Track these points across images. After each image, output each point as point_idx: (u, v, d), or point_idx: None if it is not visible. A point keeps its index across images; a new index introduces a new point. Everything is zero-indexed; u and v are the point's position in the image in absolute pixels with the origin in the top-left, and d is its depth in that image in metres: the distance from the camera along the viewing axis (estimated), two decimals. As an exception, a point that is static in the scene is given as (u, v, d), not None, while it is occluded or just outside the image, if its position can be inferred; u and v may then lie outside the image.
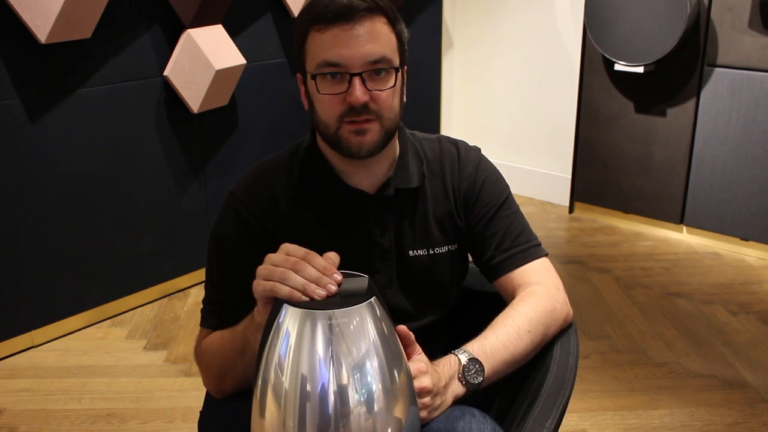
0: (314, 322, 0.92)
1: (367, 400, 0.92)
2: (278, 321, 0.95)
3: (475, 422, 1.11)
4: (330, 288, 0.99)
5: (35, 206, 2.58)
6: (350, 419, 0.91)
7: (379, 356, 0.93)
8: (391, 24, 1.23)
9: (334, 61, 1.19)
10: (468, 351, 1.19)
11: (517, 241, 1.36)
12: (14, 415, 2.30)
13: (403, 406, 0.96)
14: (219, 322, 1.27)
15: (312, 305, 0.94)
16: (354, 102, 1.19)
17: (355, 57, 1.18)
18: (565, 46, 3.84)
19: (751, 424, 2.23)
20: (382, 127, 1.23)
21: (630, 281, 3.15)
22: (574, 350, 1.29)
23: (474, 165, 1.38)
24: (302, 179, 1.32)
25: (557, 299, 1.32)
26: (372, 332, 0.94)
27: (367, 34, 1.19)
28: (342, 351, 0.91)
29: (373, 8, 1.20)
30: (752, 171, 3.27)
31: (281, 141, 3.26)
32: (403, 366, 0.98)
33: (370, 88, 1.20)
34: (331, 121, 1.22)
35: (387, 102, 1.22)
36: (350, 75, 1.19)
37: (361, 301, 0.95)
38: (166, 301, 3.02)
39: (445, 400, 1.13)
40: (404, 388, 0.97)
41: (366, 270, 1.02)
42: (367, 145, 1.23)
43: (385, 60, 1.20)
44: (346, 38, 1.18)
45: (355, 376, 0.92)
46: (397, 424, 0.95)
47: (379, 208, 1.32)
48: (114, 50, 2.69)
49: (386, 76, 1.21)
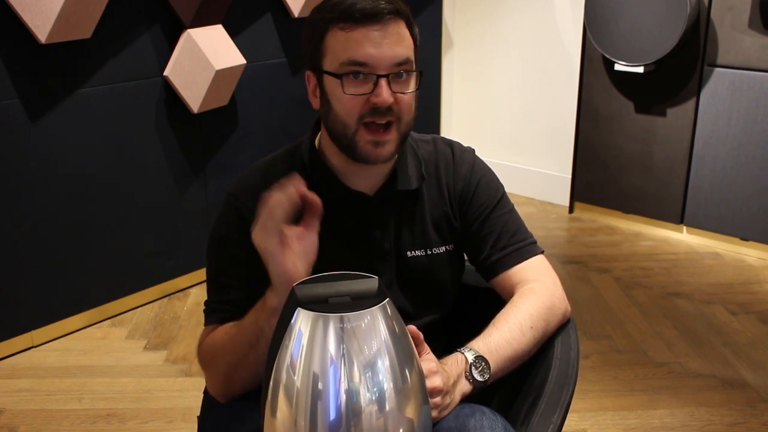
0: (326, 326, 0.92)
1: (379, 399, 0.92)
2: (291, 324, 0.95)
3: (486, 420, 1.12)
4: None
5: (35, 206, 2.58)
6: (361, 418, 0.91)
7: (390, 355, 0.94)
8: (409, 28, 1.24)
9: (362, 61, 1.19)
10: (474, 349, 1.20)
11: (513, 240, 1.37)
12: (14, 415, 2.30)
13: (414, 406, 0.96)
14: (225, 318, 1.27)
15: (324, 308, 0.94)
16: (381, 103, 1.19)
17: (384, 58, 1.19)
18: (565, 46, 3.84)
19: (751, 424, 2.23)
20: (399, 133, 1.24)
21: (630, 281, 3.15)
22: (575, 345, 1.31)
23: (469, 166, 1.39)
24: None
25: (555, 295, 1.34)
26: (384, 332, 0.94)
27: (394, 35, 1.20)
28: (354, 350, 0.91)
29: (395, 12, 1.21)
30: (752, 171, 3.27)
31: (281, 141, 3.25)
32: (414, 366, 0.98)
33: (394, 90, 1.20)
34: (351, 121, 1.22)
35: (408, 105, 1.23)
36: (377, 76, 1.19)
37: (374, 303, 0.95)
38: (166, 301, 3.02)
39: (453, 399, 1.15)
40: (416, 387, 0.97)
41: (366, 271, 1.02)
42: (384, 155, 1.24)
43: (409, 62, 1.22)
44: (374, 38, 1.18)
45: (367, 375, 0.92)
46: (408, 423, 0.95)
47: (378, 210, 1.32)
48: (114, 50, 2.69)
49: (408, 79, 1.22)
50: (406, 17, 1.23)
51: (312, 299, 0.96)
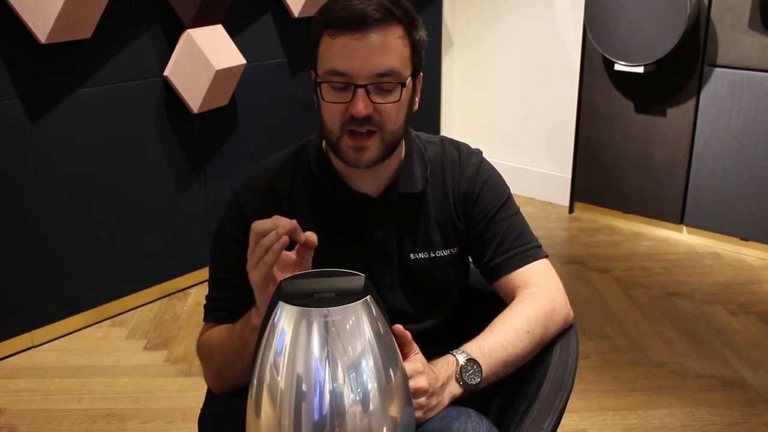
0: (310, 320, 0.92)
1: (363, 400, 0.92)
2: (273, 320, 0.95)
3: (470, 423, 1.10)
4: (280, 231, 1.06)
5: (35, 206, 2.58)
6: (346, 419, 0.91)
7: (374, 355, 0.94)
8: (407, 33, 1.22)
9: (340, 71, 1.18)
10: (466, 351, 1.19)
11: (517, 243, 1.36)
12: (14, 415, 2.30)
13: (398, 406, 0.96)
14: (222, 316, 1.29)
15: (308, 303, 0.94)
16: (356, 114, 1.18)
17: (363, 68, 1.17)
18: (565, 46, 3.84)
19: (751, 424, 2.23)
20: (383, 141, 1.22)
21: (630, 281, 3.15)
22: (574, 352, 1.29)
23: (474, 168, 1.38)
24: (306, 180, 1.32)
25: (557, 300, 1.32)
26: (368, 331, 0.94)
27: (378, 45, 1.17)
28: (338, 350, 0.92)
29: (387, 18, 1.18)
30: (752, 171, 3.27)
31: (281, 141, 3.26)
32: (398, 365, 0.98)
33: (374, 101, 1.19)
34: (334, 128, 1.22)
35: (391, 115, 1.21)
36: (355, 86, 1.18)
37: (357, 299, 0.95)
38: (166, 301, 3.02)
39: (441, 401, 1.13)
40: (400, 387, 0.97)
41: (369, 273, 1.02)
42: (364, 161, 1.22)
43: (393, 74, 1.19)
44: (354, 48, 1.17)
45: (351, 376, 0.92)
46: (392, 423, 0.95)
47: (381, 212, 1.32)
48: (114, 50, 2.69)
49: (393, 89, 1.20)
50: (405, 22, 1.21)
51: (297, 294, 0.96)
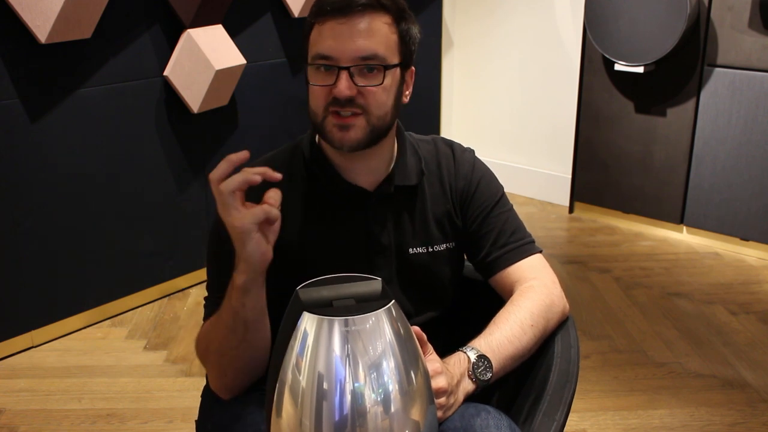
0: (332, 329, 0.92)
1: (384, 400, 0.92)
2: (296, 327, 0.95)
3: (491, 419, 1.12)
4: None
5: (35, 206, 2.58)
6: (367, 419, 0.91)
7: (395, 357, 0.94)
8: (395, 22, 1.23)
9: (325, 54, 1.20)
10: (476, 348, 1.21)
11: (513, 238, 1.39)
12: (14, 415, 2.30)
13: (420, 408, 0.96)
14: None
15: (329, 312, 0.94)
16: (338, 95, 1.20)
17: (346, 51, 1.19)
18: (565, 46, 3.84)
19: (751, 424, 2.23)
20: (368, 123, 1.23)
21: (630, 281, 3.15)
22: (575, 343, 1.32)
23: (470, 165, 1.40)
24: (302, 175, 1.33)
25: (554, 293, 1.35)
26: (389, 334, 0.94)
27: (363, 29, 1.20)
28: (359, 350, 0.92)
29: (373, 4, 1.21)
30: (752, 171, 3.27)
31: (281, 141, 3.23)
32: (420, 367, 0.98)
33: (357, 83, 1.20)
34: (318, 110, 1.24)
35: (375, 98, 1.22)
36: (339, 68, 1.20)
37: (379, 306, 0.95)
38: (166, 301, 3.02)
39: (457, 399, 1.15)
40: (421, 389, 0.97)
41: (366, 266, 1.03)
42: (348, 140, 1.23)
43: (377, 57, 1.21)
44: (339, 32, 1.20)
45: (372, 376, 0.92)
46: (414, 425, 0.95)
47: (378, 205, 1.33)
48: (114, 50, 2.69)
49: (376, 73, 1.22)
50: (393, 11, 1.23)
51: (316, 303, 0.96)
